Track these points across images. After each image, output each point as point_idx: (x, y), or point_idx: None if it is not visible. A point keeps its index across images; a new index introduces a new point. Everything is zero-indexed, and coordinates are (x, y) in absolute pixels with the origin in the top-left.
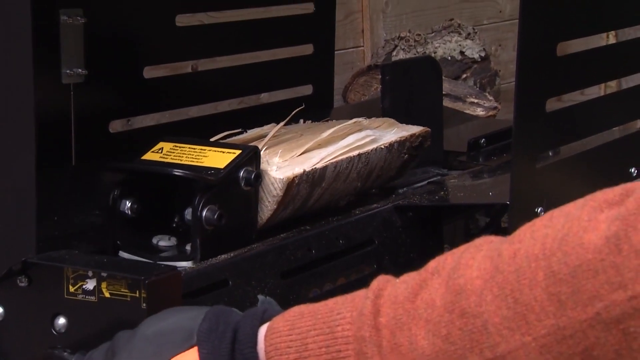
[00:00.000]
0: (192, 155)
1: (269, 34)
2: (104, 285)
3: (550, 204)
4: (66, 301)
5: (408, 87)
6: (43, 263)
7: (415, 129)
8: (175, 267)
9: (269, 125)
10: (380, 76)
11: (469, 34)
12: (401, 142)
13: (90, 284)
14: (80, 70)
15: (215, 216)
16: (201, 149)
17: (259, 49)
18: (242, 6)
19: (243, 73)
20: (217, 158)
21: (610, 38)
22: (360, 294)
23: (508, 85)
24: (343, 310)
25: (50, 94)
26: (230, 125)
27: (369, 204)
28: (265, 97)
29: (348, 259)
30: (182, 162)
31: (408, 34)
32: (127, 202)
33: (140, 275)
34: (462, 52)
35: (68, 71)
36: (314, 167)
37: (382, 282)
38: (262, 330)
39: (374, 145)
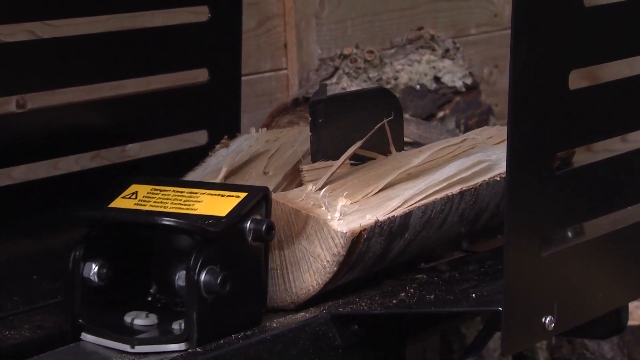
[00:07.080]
0: (180, 200)
1: (142, 53)
2: None
3: (564, 311)
4: None
5: (351, 134)
6: None
7: None
8: None
9: (271, 131)
10: (310, 116)
11: (447, 50)
12: None
13: None
14: None
15: (218, 280)
16: (191, 193)
17: (126, 76)
18: (99, 12)
19: (99, 113)
20: (215, 204)
21: None
22: None
23: None
24: None
25: None
26: (77, 193)
27: (292, 311)
28: (135, 150)
29: None
30: (169, 210)
31: (355, 51)
32: (94, 266)
33: None
34: (437, 78)
35: None
36: (390, 215)
37: None
38: None
39: (486, 177)
